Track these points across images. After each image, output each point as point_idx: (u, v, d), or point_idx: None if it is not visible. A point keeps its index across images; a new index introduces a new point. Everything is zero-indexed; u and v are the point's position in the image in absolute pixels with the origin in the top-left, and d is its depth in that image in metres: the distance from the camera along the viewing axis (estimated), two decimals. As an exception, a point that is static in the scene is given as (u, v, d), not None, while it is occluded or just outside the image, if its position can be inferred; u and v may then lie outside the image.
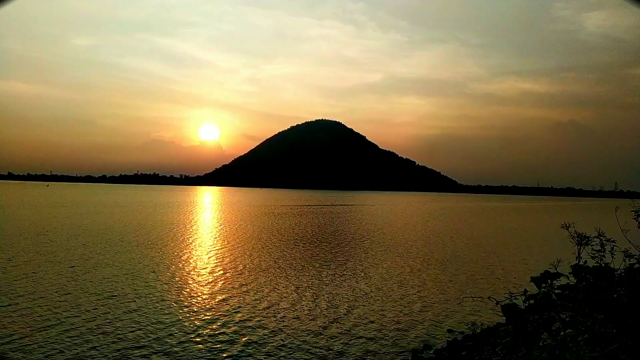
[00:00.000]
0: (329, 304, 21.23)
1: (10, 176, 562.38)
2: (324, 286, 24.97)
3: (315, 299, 22.21)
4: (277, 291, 23.41)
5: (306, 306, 20.79)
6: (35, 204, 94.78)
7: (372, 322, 18.70)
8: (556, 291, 5.07)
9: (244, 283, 25.03)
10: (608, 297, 5.24)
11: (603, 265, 6.49)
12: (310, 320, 18.70)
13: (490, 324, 17.12)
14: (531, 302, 4.89)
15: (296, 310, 20.10)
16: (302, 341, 16.18)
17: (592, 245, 7.03)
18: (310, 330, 17.44)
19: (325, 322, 18.43)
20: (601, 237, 7.16)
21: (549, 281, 4.87)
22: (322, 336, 16.78)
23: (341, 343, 16.14)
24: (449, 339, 16.53)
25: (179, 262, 31.10)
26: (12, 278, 24.20)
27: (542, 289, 4.82)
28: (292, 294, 23.04)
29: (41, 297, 20.56)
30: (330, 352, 15.29)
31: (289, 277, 27.00)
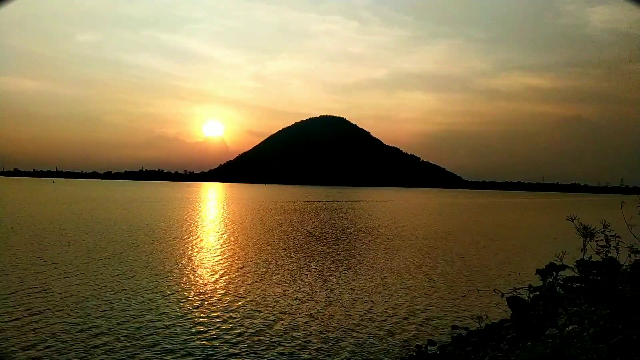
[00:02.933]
0: (334, 299, 21.30)
1: (16, 172, 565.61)
2: (329, 281, 25.03)
3: (320, 293, 22.28)
4: (283, 286, 23.49)
5: (311, 301, 20.86)
6: (45, 201, 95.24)
7: (376, 317, 18.75)
8: (561, 283, 5.08)
9: (253, 278, 25.14)
10: (614, 290, 5.25)
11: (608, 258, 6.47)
12: (315, 314, 18.77)
13: (496, 318, 17.11)
14: (536, 294, 4.91)
15: (301, 305, 20.17)
16: (305, 335, 16.25)
17: (597, 241, 6.99)
18: (314, 324, 17.50)
19: (329, 317, 18.50)
20: (606, 233, 7.11)
21: (554, 273, 4.89)
22: (326, 331, 16.84)
23: (345, 338, 16.19)
24: (454, 334, 16.55)
25: (190, 257, 31.32)
26: (22, 278, 24.39)
27: (548, 281, 4.83)
28: (297, 289, 23.11)
29: (55, 294, 20.76)
30: (333, 346, 15.34)
31: (295, 273, 27.08)
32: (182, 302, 20.05)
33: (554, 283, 4.82)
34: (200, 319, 17.77)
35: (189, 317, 18.02)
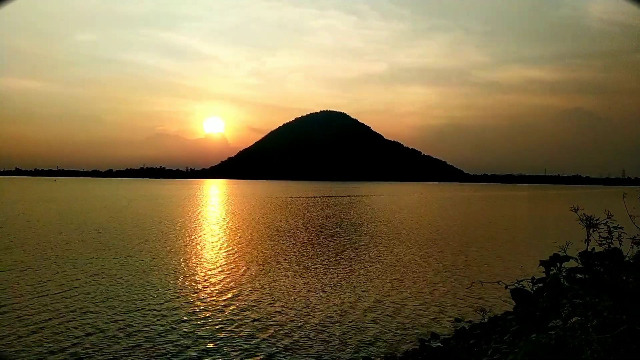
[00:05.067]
0: (337, 293, 21.32)
1: (18, 172, 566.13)
2: (333, 275, 25.05)
3: (324, 287, 22.32)
4: (287, 281, 23.54)
5: (315, 295, 20.91)
6: (49, 199, 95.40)
7: (380, 310, 18.77)
8: (565, 274, 5.08)
9: (256, 273, 25.20)
10: (617, 281, 5.24)
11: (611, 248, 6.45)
12: (318, 308, 18.80)
13: (499, 310, 17.13)
14: (539, 285, 4.91)
15: (304, 299, 20.22)
16: (309, 329, 16.28)
17: (599, 232, 6.97)
18: (318, 318, 17.53)
19: (333, 311, 18.52)
20: (609, 225, 7.08)
21: (558, 265, 4.88)
22: (330, 324, 16.86)
23: (348, 331, 16.21)
24: (457, 327, 16.55)
25: (207, 253, 31.62)
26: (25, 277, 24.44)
27: (551, 273, 4.83)
28: (300, 283, 23.16)
29: (57, 294, 20.82)
30: (337, 340, 15.37)
31: (298, 267, 27.12)
32: (208, 298, 20.21)
33: (558, 274, 4.82)
34: (228, 316, 17.81)
35: (216, 312, 18.09)
